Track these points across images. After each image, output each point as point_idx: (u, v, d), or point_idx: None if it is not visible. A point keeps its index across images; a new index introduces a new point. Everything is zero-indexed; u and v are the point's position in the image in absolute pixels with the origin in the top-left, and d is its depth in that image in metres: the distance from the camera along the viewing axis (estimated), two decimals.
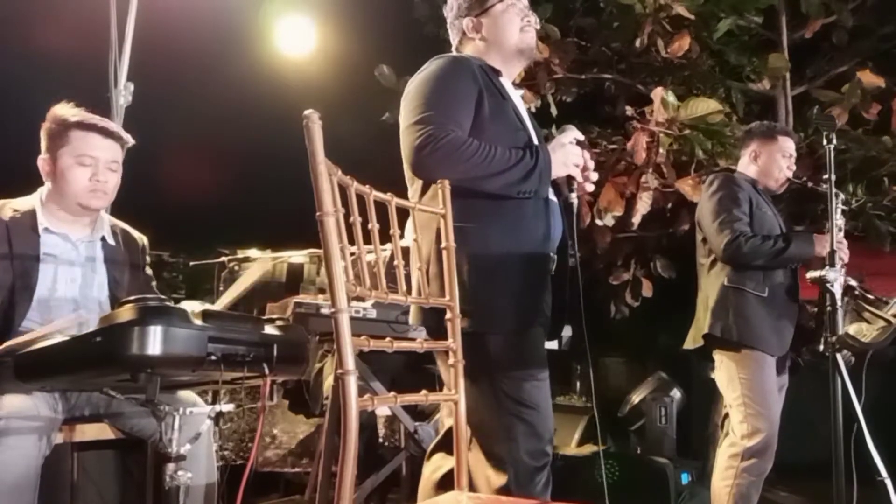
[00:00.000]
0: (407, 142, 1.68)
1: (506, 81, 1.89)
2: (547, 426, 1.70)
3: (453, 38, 1.98)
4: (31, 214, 1.94)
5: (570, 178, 1.82)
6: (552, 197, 1.84)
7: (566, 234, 1.88)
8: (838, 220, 2.57)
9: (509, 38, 1.90)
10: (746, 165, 2.87)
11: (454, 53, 1.93)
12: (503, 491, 1.61)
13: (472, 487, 1.66)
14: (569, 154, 1.79)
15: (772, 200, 2.84)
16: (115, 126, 2.02)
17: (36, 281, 1.89)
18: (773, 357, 2.58)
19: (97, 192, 1.96)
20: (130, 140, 2.06)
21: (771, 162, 2.81)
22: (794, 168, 2.83)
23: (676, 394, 3.99)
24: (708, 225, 2.69)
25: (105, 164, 1.97)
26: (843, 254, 2.62)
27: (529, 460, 1.64)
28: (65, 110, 1.97)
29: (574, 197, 1.84)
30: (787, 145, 2.83)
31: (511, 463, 1.63)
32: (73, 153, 1.93)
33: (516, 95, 1.92)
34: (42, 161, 1.98)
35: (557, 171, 1.77)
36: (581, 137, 1.84)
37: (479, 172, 1.66)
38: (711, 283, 2.68)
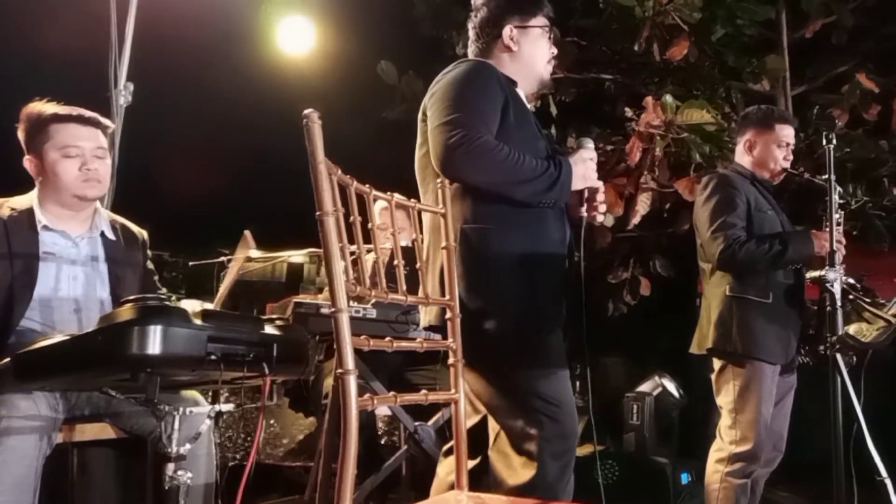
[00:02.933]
0: (437, 140, 1.67)
1: (521, 93, 1.91)
2: (573, 424, 1.71)
3: (476, 42, 1.97)
4: (30, 212, 1.93)
5: (582, 193, 1.84)
6: None
7: (571, 239, 1.89)
8: (836, 216, 2.49)
9: (537, 63, 1.94)
10: (742, 155, 2.75)
11: (477, 59, 1.93)
12: (528, 488, 1.62)
13: (494, 485, 1.67)
14: (589, 169, 1.81)
15: (773, 195, 2.75)
16: (91, 113, 1.99)
17: (35, 280, 1.88)
18: (777, 366, 2.53)
19: (90, 181, 1.94)
20: (111, 125, 2.04)
21: (766, 153, 2.68)
22: (791, 158, 2.71)
23: (656, 393, 4.00)
24: (703, 232, 2.60)
25: (91, 153, 1.95)
26: (841, 252, 2.57)
27: (555, 461, 1.65)
28: (38, 106, 1.95)
29: (584, 210, 1.85)
30: (785, 133, 2.69)
31: (539, 462, 1.64)
32: (57, 146, 1.91)
33: (526, 103, 1.93)
34: (28, 162, 1.97)
35: (577, 185, 1.78)
36: (593, 155, 1.86)
37: (508, 178, 1.67)
38: (713, 291, 2.61)
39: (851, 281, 2.60)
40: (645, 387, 4.09)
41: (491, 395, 1.70)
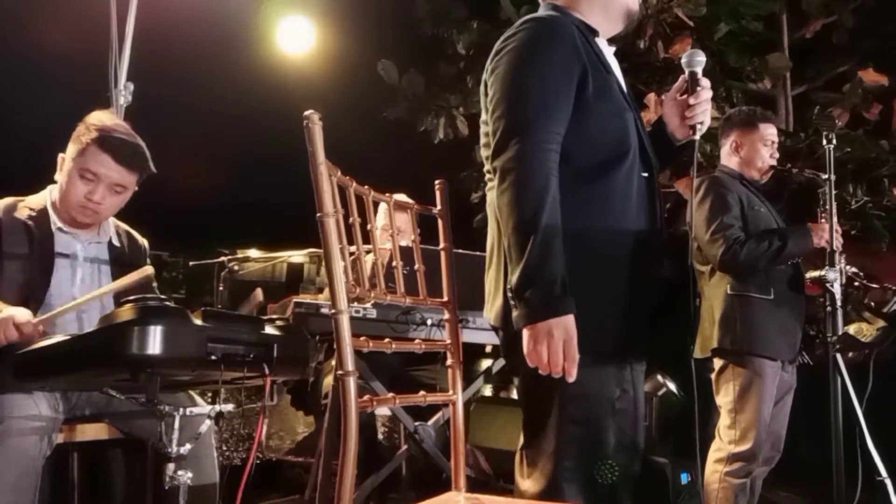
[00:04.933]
0: (493, 135, 1.46)
1: (602, 43, 1.61)
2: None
3: None
4: (45, 213, 1.95)
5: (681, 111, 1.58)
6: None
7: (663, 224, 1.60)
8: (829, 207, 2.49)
9: None
10: (728, 157, 2.78)
11: (547, 12, 1.61)
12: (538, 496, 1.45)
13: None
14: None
15: (768, 198, 2.76)
16: (138, 158, 1.95)
17: (50, 280, 1.89)
18: (781, 362, 2.53)
19: (87, 209, 1.92)
20: (150, 170, 1.99)
21: (753, 152, 2.71)
22: (777, 155, 2.75)
23: (661, 393, 4.00)
24: (701, 235, 2.61)
25: (108, 185, 1.92)
26: (838, 242, 2.57)
27: (574, 489, 1.44)
28: (100, 120, 1.94)
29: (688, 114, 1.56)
30: (769, 132, 2.73)
31: (551, 480, 1.44)
32: (80, 165, 1.91)
33: (613, 58, 1.63)
34: (59, 158, 1.97)
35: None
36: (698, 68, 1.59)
37: (521, 209, 1.38)
38: (714, 292, 2.62)
39: (855, 270, 2.61)
40: (648, 387, 4.09)
41: (526, 406, 1.51)
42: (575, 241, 1.41)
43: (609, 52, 1.63)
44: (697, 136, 1.61)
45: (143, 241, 2.21)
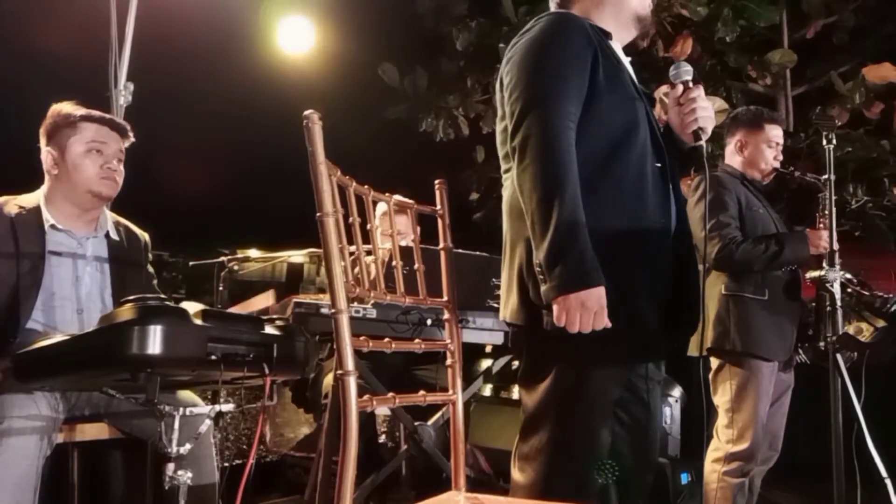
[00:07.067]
0: (508, 112, 1.49)
1: (616, 46, 1.63)
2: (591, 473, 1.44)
3: None
4: (37, 211, 1.94)
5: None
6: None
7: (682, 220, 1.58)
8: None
9: None
10: (732, 155, 2.79)
11: (559, 10, 1.67)
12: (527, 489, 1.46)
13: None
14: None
15: (768, 199, 2.77)
16: (121, 120, 2.06)
17: (41, 278, 1.88)
18: (776, 363, 2.54)
19: (109, 179, 1.97)
20: (132, 137, 2.08)
21: (757, 153, 2.73)
22: (780, 157, 2.75)
23: (679, 393, 3.99)
24: (697, 233, 2.59)
25: (114, 155, 1.99)
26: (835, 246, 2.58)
27: (561, 484, 1.43)
28: (70, 107, 1.99)
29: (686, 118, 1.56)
30: (774, 134, 2.74)
31: (540, 475, 1.45)
32: (84, 140, 1.95)
33: (626, 61, 1.64)
34: (47, 154, 1.97)
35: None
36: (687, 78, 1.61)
37: (550, 186, 1.37)
38: (709, 291, 2.61)
39: (849, 276, 2.61)
40: (663, 388, 4.06)
41: (530, 406, 1.49)
42: (588, 228, 1.38)
43: (623, 56, 1.65)
44: (702, 142, 1.59)
45: (144, 236, 2.20)
